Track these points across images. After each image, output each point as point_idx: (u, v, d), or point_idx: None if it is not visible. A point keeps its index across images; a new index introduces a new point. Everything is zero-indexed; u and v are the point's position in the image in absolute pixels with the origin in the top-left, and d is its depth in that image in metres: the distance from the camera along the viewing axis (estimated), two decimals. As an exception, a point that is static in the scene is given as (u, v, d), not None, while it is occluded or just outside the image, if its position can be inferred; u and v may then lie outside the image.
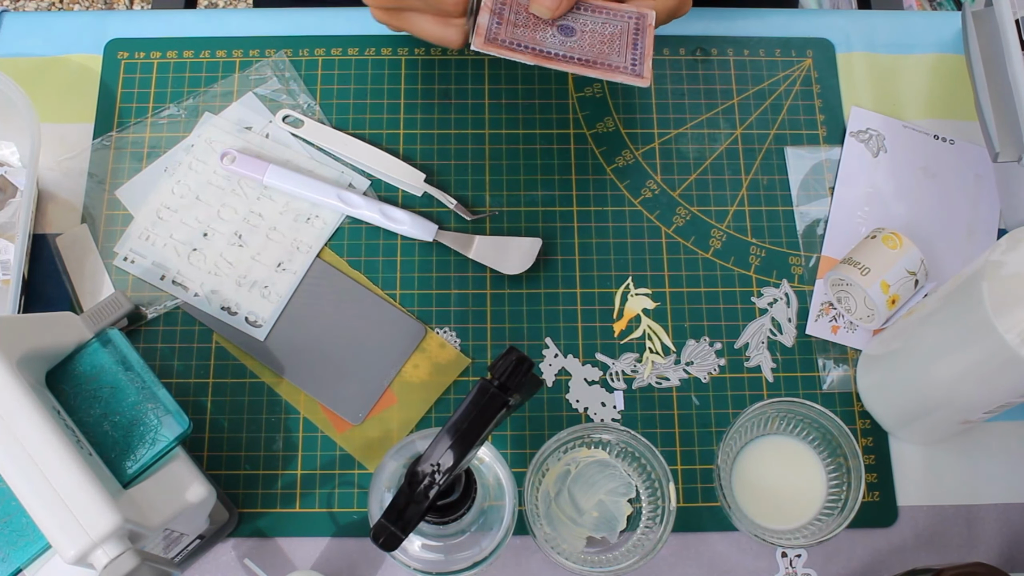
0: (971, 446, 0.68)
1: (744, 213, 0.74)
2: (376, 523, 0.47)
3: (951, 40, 0.80)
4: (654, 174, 0.75)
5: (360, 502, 0.66)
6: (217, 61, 0.78)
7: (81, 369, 0.57)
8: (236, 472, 0.67)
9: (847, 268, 0.68)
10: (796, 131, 0.77)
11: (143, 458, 0.54)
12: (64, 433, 0.50)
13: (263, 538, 0.66)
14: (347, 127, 0.76)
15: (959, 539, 0.66)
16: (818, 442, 0.65)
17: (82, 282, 0.71)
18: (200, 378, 0.69)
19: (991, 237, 0.74)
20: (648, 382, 0.70)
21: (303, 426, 0.68)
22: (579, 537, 0.64)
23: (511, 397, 0.48)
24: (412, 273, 0.72)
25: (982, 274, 0.53)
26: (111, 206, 0.73)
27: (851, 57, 0.79)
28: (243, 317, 0.70)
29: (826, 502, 0.65)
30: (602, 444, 0.65)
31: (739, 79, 0.78)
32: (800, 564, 0.66)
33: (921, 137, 0.77)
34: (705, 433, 0.68)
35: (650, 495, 0.64)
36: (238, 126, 0.75)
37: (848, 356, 0.70)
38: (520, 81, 0.78)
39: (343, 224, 0.73)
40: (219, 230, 0.72)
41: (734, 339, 0.71)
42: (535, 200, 0.74)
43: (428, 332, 0.70)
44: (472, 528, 0.55)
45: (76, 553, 0.47)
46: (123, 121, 0.76)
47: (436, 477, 0.47)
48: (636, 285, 0.72)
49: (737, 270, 0.73)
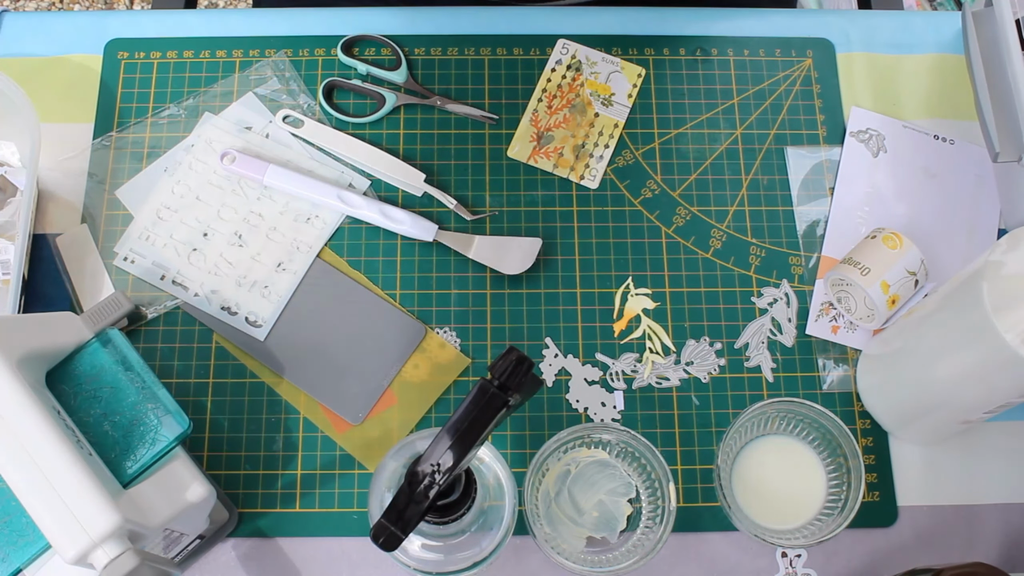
0: (971, 446, 0.68)
1: (744, 213, 0.74)
2: (376, 523, 0.47)
3: (951, 40, 0.80)
4: (654, 174, 0.75)
5: (360, 502, 0.66)
6: (217, 61, 0.78)
7: (81, 369, 0.57)
8: (236, 472, 0.67)
9: (847, 268, 0.68)
10: (796, 131, 0.77)
11: (143, 458, 0.54)
12: (64, 433, 0.50)
13: (263, 538, 0.66)
14: (347, 127, 0.76)
15: (959, 539, 0.66)
16: (818, 442, 0.65)
17: (82, 282, 0.71)
18: (200, 378, 0.69)
19: (991, 237, 0.74)
20: (648, 382, 0.70)
21: (303, 426, 0.68)
22: (579, 537, 0.64)
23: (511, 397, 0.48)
24: (412, 273, 0.72)
25: (982, 274, 0.53)
26: (111, 206, 0.73)
27: (851, 57, 0.79)
28: (243, 317, 0.70)
29: (826, 502, 0.65)
30: (602, 444, 0.65)
31: (739, 79, 0.78)
32: (800, 564, 0.66)
33: (921, 137, 0.77)
34: (705, 433, 0.68)
35: (650, 495, 0.64)
36: (238, 126, 0.75)
37: (848, 356, 0.70)
38: (520, 81, 0.78)
39: (343, 224, 0.73)
40: (219, 230, 0.72)
41: (734, 339, 0.71)
42: (535, 200, 0.74)
43: (428, 332, 0.70)
44: (472, 528, 0.55)
45: (76, 553, 0.47)
46: (123, 121, 0.76)
47: (436, 477, 0.47)
48: (636, 285, 0.72)
49: (737, 270, 0.73)
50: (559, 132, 0.75)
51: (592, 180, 0.74)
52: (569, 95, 0.77)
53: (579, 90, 0.77)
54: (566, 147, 0.75)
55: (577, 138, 0.75)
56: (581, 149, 0.75)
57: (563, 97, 0.77)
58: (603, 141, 0.75)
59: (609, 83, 0.77)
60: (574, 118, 0.76)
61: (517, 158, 0.75)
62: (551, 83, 0.77)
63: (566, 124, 0.76)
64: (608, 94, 0.77)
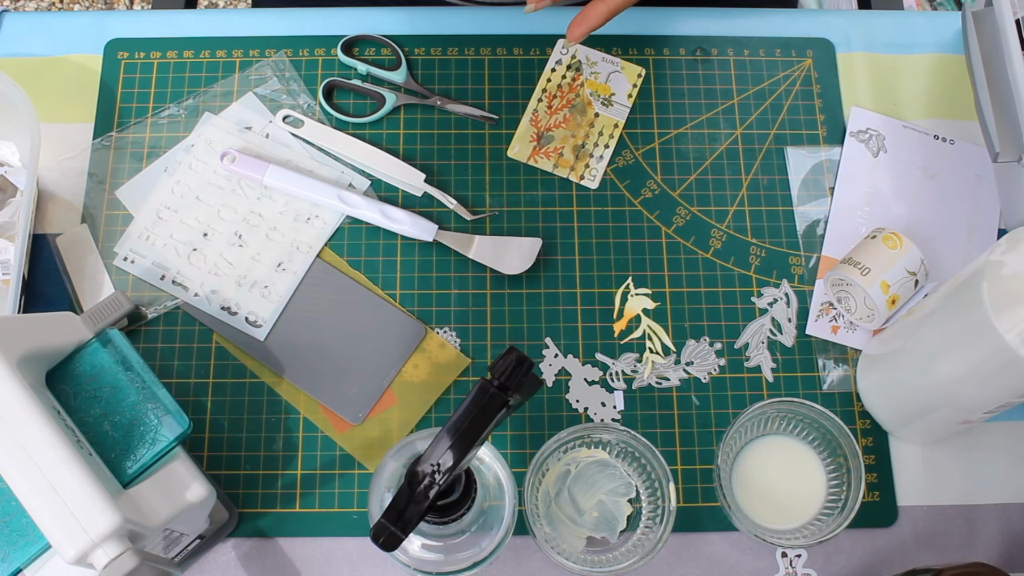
0: (971, 446, 0.68)
1: (744, 213, 0.74)
2: (376, 523, 0.47)
3: (951, 40, 0.80)
4: (654, 174, 0.75)
5: (360, 502, 0.66)
6: (217, 61, 0.78)
7: (81, 369, 0.57)
8: (236, 472, 0.67)
9: (847, 268, 0.68)
10: (796, 131, 0.77)
11: (143, 458, 0.54)
12: (64, 433, 0.50)
13: (263, 538, 0.66)
14: (347, 127, 0.76)
15: (959, 539, 0.66)
16: (818, 442, 0.65)
17: (82, 282, 0.71)
18: (200, 378, 0.69)
19: (991, 237, 0.74)
20: (648, 382, 0.70)
21: (303, 426, 0.68)
22: (579, 537, 0.64)
23: (511, 397, 0.48)
24: (412, 273, 0.72)
25: (982, 274, 0.53)
26: (111, 206, 0.73)
27: (851, 57, 0.79)
28: (243, 317, 0.70)
29: (826, 502, 0.65)
30: (602, 444, 0.65)
31: (739, 79, 0.78)
32: (800, 564, 0.66)
33: (921, 137, 0.77)
34: (705, 433, 0.68)
35: (650, 495, 0.64)
36: (238, 126, 0.75)
37: (848, 356, 0.70)
38: (520, 81, 0.78)
39: (343, 224, 0.73)
40: (219, 230, 0.72)
41: (734, 339, 0.71)
42: (535, 200, 0.74)
43: (428, 332, 0.70)
44: (472, 528, 0.55)
45: (76, 553, 0.47)
46: (123, 121, 0.76)
47: (436, 477, 0.47)
48: (636, 285, 0.72)
49: (737, 270, 0.73)
50: (559, 132, 0.75)
51: (592, 180, 0.74)
52: (569, 95, 0.77)
53: (579, 90, 0.77)
54: (566, 147, 0.75)
55: (577, 138, 0.75)
56: (581, 149, 0.75)
57: (563, 97, 0.77)
58: (603, 141, 0.75)
59: (609, 83, 0.77)
60: (574, 118, 0.76)
61: (517, 158, 0.75)
62: (551, 83, 0.77)
63: (566, 124, 0.76)
64: (608, 94, 0.77)
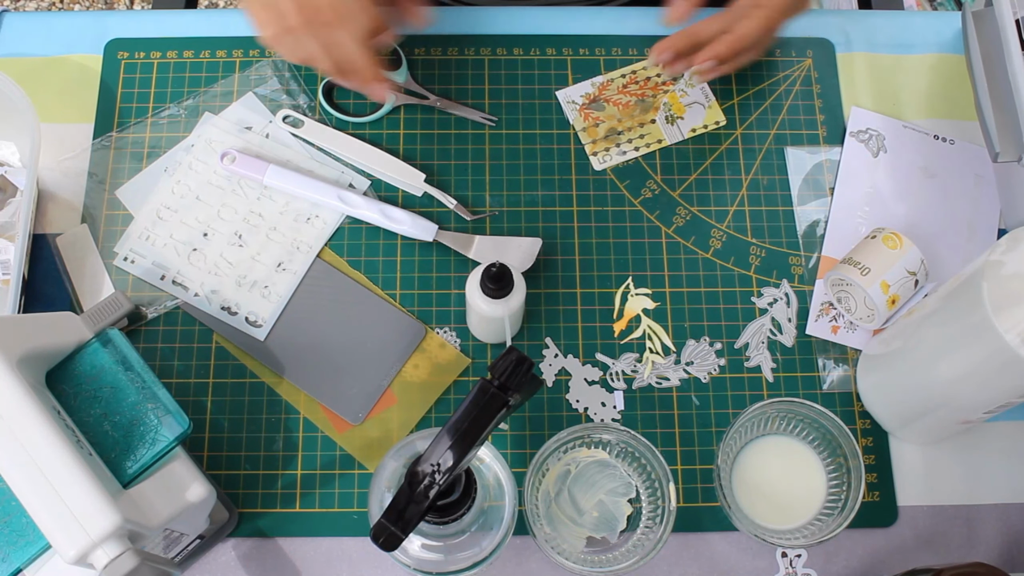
0: (971, 446, 0.68)
1: (744, 213, 0.74)
2: (376, 523, 0.48)
3: (951, 40, 0.80)
4: (654, 174, 0.75)
5: (360, 502, 0.66)
6: (217, 61, 0.78)
7: (81, 369, 0.57)
8: (236, 472, 0.67)
9: (847, 268, 0.68)
10: (796, 131, 0.77)
11: (143, 458, 0.54)
12: (64, 433, 0.50)
13: (263, 538, 0.66)
14: (347, 127, 0.76)
15: (959, 539, 0.66)
16: (818, 442, 0.65)
17: (82, 282, 0.71)
18: (200, 378, 0.69)
19: (991, 237, 0.74)
20: (648, 382, 0.70)
21: (303, 426, 0.68)
22: (579, 537, 0.64)
23: (511, 397, 0.48)
24: (412, 273, 0.72)
25: (982, 274, 0.53)
26: (111, 206, 0.73)
27: (851, 57, 0.79)
28: (243, 317, 0.70)
29: (826, 502, 0.65)
30: (602, 444, 0.65)
31: (739, 79, 0.78)
32: (800, 564, 0.66)
33: (921, 137, 0.77)
34: (705, 433, 0.68)
35: (650, 495, 0.64)
36: (238, 126, 0.75)
37: (848, 356, 0.70)
38: (520, 81, 0.78)
39: (343, 224, 0.73)
40: (219, 230, 0.72)
41: (734, 339, 0.71)
42: (535, 200, 0.74)
43: (428, 332, 0.70)
44: (472, 528, 0.56)
45: (76, 553, 0.47)
46: (123, 121, 0.76)
47: (436, 477, 0.47)
48: (636, 285, 0.72)
49: (737, 270, 0.73)
50: (611, 109, 0.76)
51: (600, 163, 0.74)
52: (647, 90, 0.77)
53: (659, 92, 0.77)
54: (606, 123, 0.76)
55: (621, 124, 0.76)
56: (617, 136, 0.75)
57: (643, 88, 0.77)
58: (637, 143, 0.75)
59: (687, 108, 0.77)
60: (634, 109, 0.76)
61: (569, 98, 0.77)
62: (645, 71, 0.78)
63: (623, 108, 0.76)
64: (677, 114, 0.77)
